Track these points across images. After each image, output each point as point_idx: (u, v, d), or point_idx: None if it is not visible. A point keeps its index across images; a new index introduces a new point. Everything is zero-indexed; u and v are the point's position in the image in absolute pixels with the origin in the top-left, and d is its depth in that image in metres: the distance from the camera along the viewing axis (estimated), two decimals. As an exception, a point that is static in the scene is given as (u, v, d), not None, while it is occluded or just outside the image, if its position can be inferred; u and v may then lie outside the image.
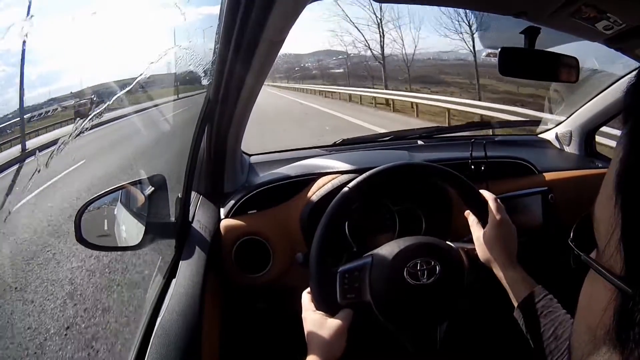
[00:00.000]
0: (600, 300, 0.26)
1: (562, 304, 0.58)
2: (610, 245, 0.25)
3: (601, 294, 0.26)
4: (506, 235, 0.68)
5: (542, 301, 0.59)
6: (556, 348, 0.54)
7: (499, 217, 0.69)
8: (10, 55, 0.99)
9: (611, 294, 0.25)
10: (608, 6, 0.58)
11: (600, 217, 0.27)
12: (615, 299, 0.24)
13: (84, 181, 3.53)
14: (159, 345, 0.58)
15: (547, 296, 0.60)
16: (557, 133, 1.37)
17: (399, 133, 1.38)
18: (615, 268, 0.25)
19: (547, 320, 0.57)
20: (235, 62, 0.66)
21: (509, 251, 0.67)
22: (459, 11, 9.92)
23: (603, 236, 0.26)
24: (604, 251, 0.26)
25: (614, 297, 0.25)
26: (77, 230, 0.68)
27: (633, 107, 0.26)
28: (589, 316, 0.27)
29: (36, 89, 3.14)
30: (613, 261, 0.25)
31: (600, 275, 0.26)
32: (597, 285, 0.27)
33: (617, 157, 0.26)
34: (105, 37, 1.66)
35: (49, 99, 3.36)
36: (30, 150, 1.84)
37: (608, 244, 0.25)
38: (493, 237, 0.68)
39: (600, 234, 0.27)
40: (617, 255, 0.24)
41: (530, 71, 0.74)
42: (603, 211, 0.27)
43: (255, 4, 0.53)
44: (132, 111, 4.02)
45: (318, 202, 0.91)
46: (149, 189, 0.80)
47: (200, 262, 0.77)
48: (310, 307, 0.68)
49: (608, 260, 0.25)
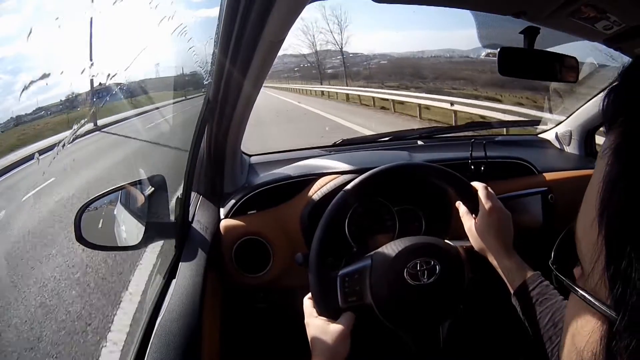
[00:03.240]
0: (586, 323, 0.25)
1: (562, 296, 0.58)
2: (595, 272, 0.24)
3: (587, 317, 0.25)
4: (499, 223, 0.68)
5: (538, 288, 0.59)
6: (555, 334, 0.54)
7: (490, 204, 0.68)
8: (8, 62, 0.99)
9: (597, 319, 0.24)
10: (607, 6, 0.58)
11: (582, 238, 0.26)
12: (602, 324, 0.24)
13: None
14: (159, 345, 0.58)
15: (542, 282, 0.60)
16: (557, 133, 1.36)
17: (399, 133, 1.38)
18: (601, 294, 0.24)
19: (543, 307, 0.57)
20: (234, 62, 0.67)
21: (503, 239, 0.67)
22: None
23: (587, 260, 0.25)
24: (589, 277, 0.25)
25: (600, 322, 0.24)
26: (77, 229, 0.68)
27: (618, 113, 0.24)
28: (575, 336, 0.26)
29: (37, 91, 3.14)
30: (598, 287, 0.24)
31: (585, 302, 0.24)
32: (582, 308, 0.25)
33: (599, 174, 0.24)
34: (105, 40, 1.66)
35: (53, 102, 3.36)
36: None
37: (592, 271, 0.24)
38: (485, 225, 0.68)
39: (583, 255, 0.26)
40: (601, 283, 0.23)
41: (530, 71, 0.74)
42: (586, 233, 0.25)
43: (255, 5, 0.53)
44: (133, 114, 4.03)
45: (318, 202, 0.91)
46: (149, 189, 0.80)
47: (200, 262, 0.77)
48: (312, 313, 0.68)
49: (593, 287, 0.24)
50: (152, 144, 3.66)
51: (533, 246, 0.85)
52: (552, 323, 0.55)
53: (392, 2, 0.68)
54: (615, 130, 0.24)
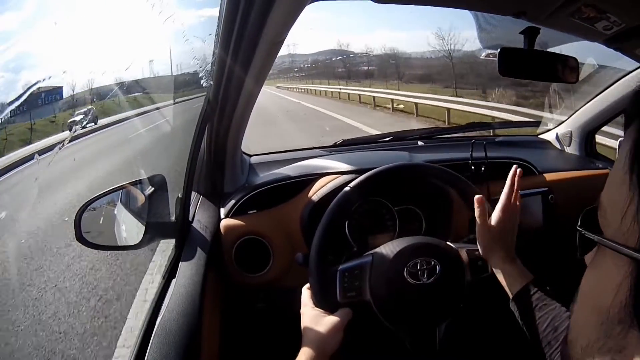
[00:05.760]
0: (612, 279, 0.26)
1: (561, 302, 0.58)
2: (626, 219, 0.26)
3: (612, 274, 0.26)
4: (507, 230, 0.68)
5: (537, 293, 0.59)
6: (554, 339, 0.54)
7: (503, 214, 0.68)
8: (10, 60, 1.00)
9: (626, 269, 0.25)
10: (607, 6, 0.58)
11: (608, 203, 0.28)
12: (631, 272, 0.25)
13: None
14: (159, 344, 0.58)
15: (542, 289, 0.60)
16: (557, 133, 1.36)
17: (399, 134, 1.38)
18: (631, 241, 0.25)
19: (542, 312, 0.57)
20: (234, 62, 0.67)
21: (508, 244, 0.67)
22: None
23: (613, 217, 0.27)
24: (619, 228, 0.27)
25: (630, 271, 0.25)
26: (77, 229, 0.68)
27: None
28: (597, 299, 0.28)
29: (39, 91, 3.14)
30: (629, 235, 0.26)
31: (615, 250, 0.26)
32: (605, 268, 0.27)
33: (626, 146, 0.27)
34: (105, 40, 1.67)
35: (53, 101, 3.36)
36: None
37: (623, 219, 0.26)
38: (498, 232, 0.68)
39: (608, 218, 0.28)
40: (633, 228, 0.25)
41: (530, 72, 0.74)
42: (613, 195, 0.27)
43: (255, 5, 0.53)
44: (134, 114, 4.03)
45: (318, 202, 0.91)
46: (149, 189, 0.80)
47: (200, 261, 0.77)
48: (309, 303, 0.68)
49: (623, 236, 0.26)
50: (152, 144, 3.66)
51: (533, 246, 0.85)
52: (552, 328, 0.55)
53: (392, 2, 0.68)
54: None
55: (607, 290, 0.26)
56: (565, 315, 0.55)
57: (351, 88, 13.13)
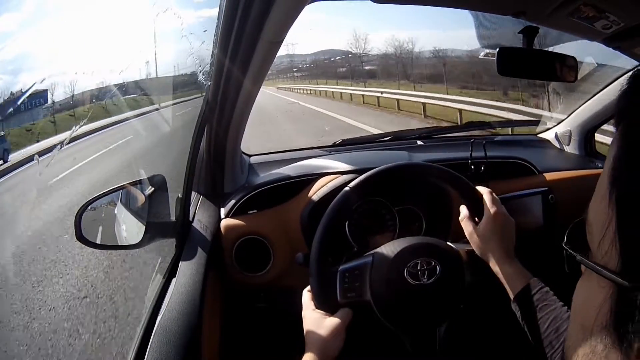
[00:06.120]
0: (595, 298, 0.26)
1: (562, 303, 0.58)
2: (605, 241, 0.25)
3: (596, 293, 0.26)
4: (502, 228, 0.68)
5: (538, 294, 0.59)
6: (555, 339, 0.54)
7: (494, 210, 0.69)
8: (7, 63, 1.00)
9: (607, 291, 0.25)
10: (607, 5, 0.58)
11: (593, 218, 0.27)
12: (612, 295, 0.24)
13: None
14: (159, 344, 0.58)
15: (542, 289, 0.60)
16: (556, 133, 1.36)
17: (399, 133, 1.38)
18: (611, 264, 0.25)
19: (543, 313, 0.57)
20: (234, 62, 0.67)
21: (505, 245, 0.67)
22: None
23: (597, 234, 0.26)
24: (598, 248, 0.26)
25: (610, 293, 0.25)
26: (77, 228, 0.68)
27: (624, 111, 0.27)
28: (584, 316, 0.27)
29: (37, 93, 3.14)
30: (608, 258, 0.25)
31: (596, 272, 0.26)
32: (591, 285, 0.27)
33: (610, 158, 0.27)
34: (104, 41, 1.67)
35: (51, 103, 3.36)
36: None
37: (602, 240, 0.25)
38: (488, 231, 0.68)
39: (593, 234, 0.27)
40: (612, 250, 0.25)
41: (529, 71, 0.75)
42: (597, 211, 0.27)
43: (254, 5, 0.53)
44: (133, 115, 4.03)
45: (318, 202, 0.91)
46: (149, 189, 0.80)
47: (200, 261, 0.77)
48: (310, 306, 0.68)
49: (603, 258, 0.26)
50: (152, 144, 3.66)
51: (533, 246, 0.85)
52: (553, 328, 0.55)
53: (392, 3, 0.68)
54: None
55: (591, 309, 0.26)
56: (566, 316, 0.55)
57: (357, 88, 12.94)
